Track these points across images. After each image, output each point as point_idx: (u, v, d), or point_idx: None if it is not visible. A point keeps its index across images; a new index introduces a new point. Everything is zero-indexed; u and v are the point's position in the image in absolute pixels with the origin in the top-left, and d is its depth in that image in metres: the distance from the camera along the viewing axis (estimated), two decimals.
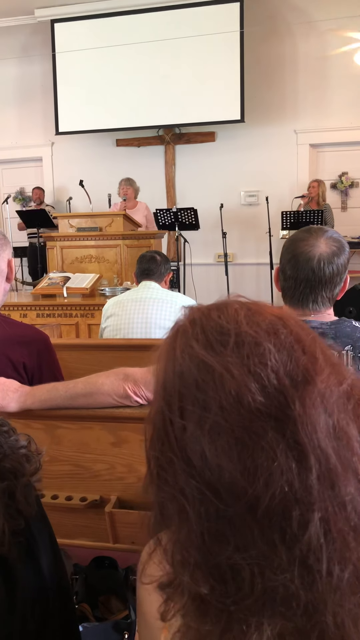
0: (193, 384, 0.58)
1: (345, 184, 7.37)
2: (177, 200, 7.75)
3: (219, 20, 6.96)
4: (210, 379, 0.57)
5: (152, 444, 0.63)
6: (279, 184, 7.36)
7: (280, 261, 1.47)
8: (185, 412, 0.58)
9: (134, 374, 1.46)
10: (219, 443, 0.55)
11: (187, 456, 0.57)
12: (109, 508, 1.53)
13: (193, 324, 0.62)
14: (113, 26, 7.31)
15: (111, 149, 7.89)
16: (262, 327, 0.59)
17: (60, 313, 4.51)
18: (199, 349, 0.59)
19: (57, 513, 1.62)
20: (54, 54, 7.59)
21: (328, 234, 1.42)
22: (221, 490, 0.55)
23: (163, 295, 2.79)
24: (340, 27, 6.96)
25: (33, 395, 1.47)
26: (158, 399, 0.62)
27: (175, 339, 0.63)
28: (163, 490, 0.60)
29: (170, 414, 0.59)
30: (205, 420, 0.56)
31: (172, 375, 0.60)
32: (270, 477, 0.53)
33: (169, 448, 0.59)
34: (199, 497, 0.56)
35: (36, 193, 7.83)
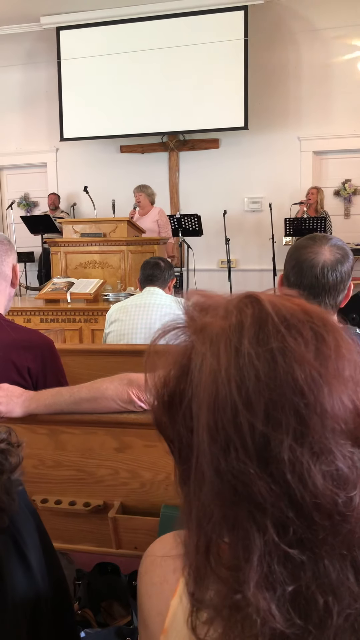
0: (297, 392, 0.51)
1: (349, 191, 7.38)
2: (180, 206, 7.78)
3: (223, 28, 7.00)
4: (316, 394, 0.51)
5: (214, 449, 0.53)
6: (283, 191, 7.38)
7: (285, 268, 1.48)
8: (278, 422, 0.51)
9: (138, 379, 1.46)
10: (318, 466, 0.50)
11: (271, 472, 0.51)
12: (112, 514, 1.53)
13: (287, 327, 0.54)
14: (118, 34, 7.35)
15: (115, 156, 7.92)
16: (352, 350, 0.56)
17: (64, 318, 4.53)
18: (312, 358, 0.53)
19: (61, 518, 1.63)
20: (59, 61, 7.64)
21: (332, 242, 1.43)
22: (316, 517, 0.51)
23: (167, 300, 2.80)
24: (344, 35, 6.99)
25: (37, 400, 1.48)
26: (229, 397, 0.52)
27: (262, 332, 0.54)
28: (236, 504, 0.53)
29: (252, 418, 0.51)
30: (305, 436, 0.51)
31: (261, 373, 0.52)
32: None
33: (247, 458, 0.51)
34: (280, 517, 0.51)
35: (51, 198, 7.87)
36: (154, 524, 1.49)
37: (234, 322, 0.55)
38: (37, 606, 0.81)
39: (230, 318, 0.56)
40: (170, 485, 1.54)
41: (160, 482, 1.53)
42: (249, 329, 0.54)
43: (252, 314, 0.55)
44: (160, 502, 1.52)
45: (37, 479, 1.61)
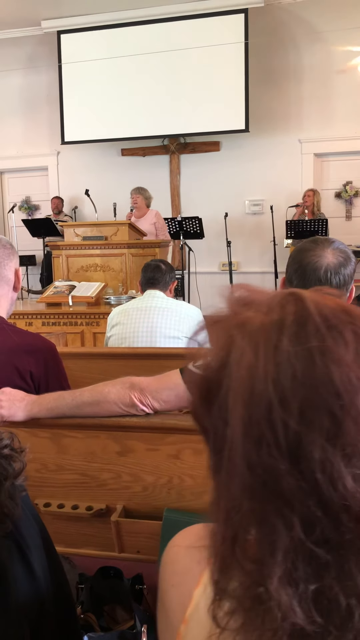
0: (332, 393, 0.51)
1: (350, 193, 7.39)
2: (182, 209, 7.78)
3: (224, 31, 7.02)
4: (352, 396, 0.50)
5: (249, 443, 0.53)
6: (284, 193, 7.38)
7: (287, 271, 1.48)
8: (311, 421, 0.51)
9: (140, 382, 1.46)
10: (350, 467, 0.50)
11: (301, 470, 0.51)
12: (115, 517, 1.53)
13: (329, 327, 0.54)
14: (118, 37, 7.38)
15: (116, 159, 7.94)
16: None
17: (65, 321, 4.53)
18: (351, 361, 0.52)
19: (63, 522, 1.63)
20: (60, 65, 7.66)
21: (334, 245, 1.43)
22: (343, 518, 0.50)
23: (168, 304, 2.79)
24: (345, 39, 7.00)
25: (40, 404, 1.48)
26: (264, 392, 0.52)
27: (301, 332, 0.54)
28: (265, 498, 0.53)
29: (286, 415, 0.51)
30: (337, 437, 0.50)
31: (297, 372, 0.52)
32: None
33: (278, 454, 0.51)
34: (308, 515, 0.51)
35: (54, 202, 7.88)
36: (156, 528, 1.49)
37: (275, 318, 0.55)
38: (40, 609, 0.82)
39: (272, 315, 0.56)
40: (173, 488, 1.53)
41: (162, 486, 1.53)
42: (289, 327, 0.54)
43: (294, 312, 0.55)
44: (163, 506, 1.52)
45: (39, 483, 1.61)
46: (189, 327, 2.73)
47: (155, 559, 1.51)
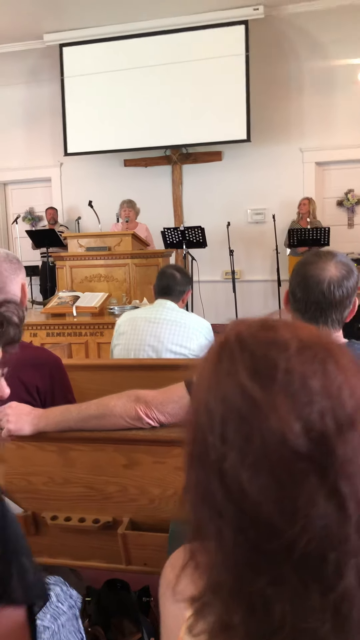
0: (237, 413, 0.56)
1: (352, 201, 7.41)
2: (184, 218, 7.81)
3: (224, 42, 7.08)
4: (255, 413, 0.56)
5: (191, 460, 0.61)
6: (286, 202, 7.41)
7: (290, 284, 1.50)
8: (227, 439, 0.56)
9: (146, 395, 1.48)
10: (259, 480, 0.54)
11: (227, 482, 0.56)
12: (121, 530, 1.54)
13: (242, 347, 0.60)
14: (120, 49, 7.44)
15: (119, 169, 7.98)
16: (312, 364, 0.58)
17: (69, 332, 4.54)
18: (247, 379, 0.57)
19: (70, 535, 1.64)
20: (63, 82, 7.72)
21: (337, 258, 1.44)
22: (258, 524, 0.55)
23: (177, 317, 2.73)
24: (345, 49, 7.05)
25: (46, 417, 1.49)
26: (201, 415, 0.60)
27: (221, 357, 0.61)
28: (202, 509, 0.59)
29: (212, 436, 0.58)
30: (247, 454, 0.55)
31: (216, 395, 0.59)
32: (308, 522, 0.53)
33: (210, 468, 0.58)
34: (236, 523, 0.56)
35: (50, 213, 7.92)
36: (163, 540, 1.50)
37: (213, 346, 0.65)
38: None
39: (207, 351, 0.65)
40: (179, 501, 1.54)
41: (169, 498, 1.54)
42: (214, 355, 0.62)
43: (220, 340, 0.64)
44: (170, 518, 1.52)
45: (46, 496, 1.62)
46: (197, 343, 2.69)
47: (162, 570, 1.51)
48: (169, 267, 2.97)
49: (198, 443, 0.59)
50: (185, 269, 3.38)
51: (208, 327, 2.85)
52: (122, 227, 6.28)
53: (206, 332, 2.80)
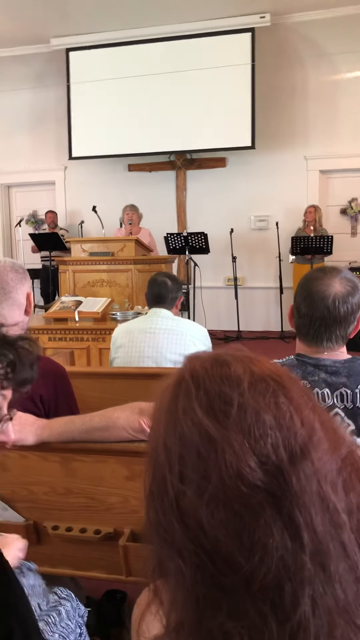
0: (194, 450, 0.58)
1: (355, 209, 7.42)
2: (187, 224, 7.83)
3: (231, 50, 7.11)
4: (211, 449, 0.57)
5: (151, 497, 0.62)
6: (289, 209, 7.42)
7: (295, 299, 1.50)
8: (185, 477, 0.58)
9: (149, 408, 1.47)
10: (217, 515, 0.55)
11: (185, 520, 0.57)
12: (122, 541, 1.54)
13: (197, 385, 0.61)
14: (126, 55, 7.47)
15: (123, 174, 8.00)
16: (264, 397, 0.59)
17: (71, 337, 4.54)
18: (202, 416, 0.58)
19: (71, 545, 1.64)
20: (69, 83, 7.75)
21: (342, 274, 1.45)
22: (217, 560, 0.55)
23: (173, 324, 2.75)
24: (350, 58, 7.07)
25: (50, 428, 1.49)
26: (159, 453, 0.61)
27: (177, 395, 0.62)
28: (161, 547, 0.60)
29: (170, 474, 0.59)
30: (205, 490, 0.56)
31: (173, 434, 0.60)
32: (265, 553, 0.54)
33: (169, 508, 0.59)
34: (195, 561, 0.57)
35: (50, 217, 7.93)
36: None
37: (169, 382, 0.66)
38: None
39: (164, 389, 0.66)
40: None
41: None
42: (171, 389, 0.64)
43: (176, 376, 0.65)
44: None
45: (48, 506, 1.62)
46: (195, 349, 2.72)
47: None
48: (159, 275, 2.97)
49: (157, 481, 0.61)
50: (174, 275, 3.38)
51: (204, 332, 2.87)
52: (125, 231, 6.30)
53: (203, 338, 2.82)
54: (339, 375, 1.41)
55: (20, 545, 1.37)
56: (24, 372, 0.92)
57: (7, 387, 0.92)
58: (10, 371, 0.91)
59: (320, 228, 6.94)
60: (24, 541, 1.41)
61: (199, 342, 2.78)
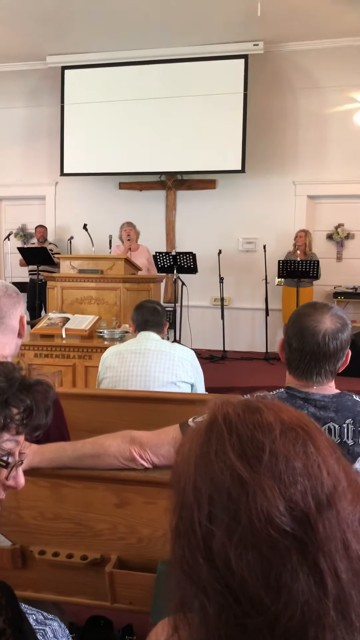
0: (225, 492, 0.59)
1: (341, 235, 7.54)
2: (176, 244, 7.89)
3: (224, 75, 7.24)
4: (243, 492, 0.59)
5: (177, 536, 0.63)
6: (277, 233, 7.53)
7: (286, 334, 1.54)
8: (215, 517, 0.59)
9: (140, 437, 1.50)
10: (246, 557, 0.57)
11: (213, 559, 0.58)
12: (109, 568, 1.55)
13: (230, 429, 0.63)
14: (121, 75, 7.57)
15: (114, 192, 8.06)
16: (295, 445, 0.61)
17: (58, 354, 4.54)
18: (235, 460, 0.60)
19: (57, 570, 1.64)
20: (63, 103, 7.82)
21: (332, 311, 1.49)
22: (243, 600, 0.57)
23: (162, 346, 2.83)
24: (340, 88, 7.24)
25: (41, 453, 1.50)
26: (187, 493, 0.63)
27: (210, 438, 0.64)
28: (186, 583, 0.61)
29: (199, 513, 0.60)
30: (234, 531, 0.58)
31: (204, 476, 0.62)
32: (291, 597, 0.56)
33: (196, 546, 0.60)
34: (220, 600, 0.58)
35: (39, 231, 7.95)
36: (150, 581, 1.51)
37: (197, 428, 0.68)
38: None
39: (200, 423, 0.68)
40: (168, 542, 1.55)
41: (158, 539, 1.55)
42: (201, 435, 0.66)
43: (206, 422, 0.67)
44: (158, 559, 1.54)
45: (35, 530, 1.62)
46: (183, 370, 2.77)
47: (148, 610, 1.52)
48: (148, 302, 3.12)
49: (184, 520, 0.62)
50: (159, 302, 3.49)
51: (192, 354, 2.96)
52: (125, 247, 6.31)
53: (191, 360, 2.90)
54: (327, 409, 1.45)
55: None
56: (40, 418, 0.92)
57: (21, 433, 0.92)
58: (26, 417, 0.90)
59: (310, 252, 7.04)
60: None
61: (187, 363, 2.84)
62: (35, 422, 0.92)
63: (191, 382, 2.82)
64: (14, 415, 0.89)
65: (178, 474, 0.66)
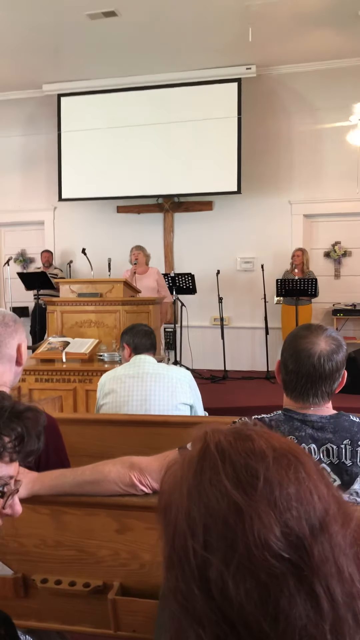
0: (221, 520, 0.59)
1: (339, 252, 7.60)
2: (175, 265, 7.95)
3: (218, 98, 7.37)
4: (239, 520, 0.59)
5: (170, 566, 0.62)
6: (274, 252, 7.59)
7: (282, 355, 1.55)
8: (211, 546, 0.59)
9: (140, 462, 1.51)
10: (244, 585, 0.57)
11: (209, 589, 0.58)
12: (112, 595, 1.54)
13: (223, 457, 0.64)
14: (116, 101, 7.70)
15: (112, 215, 8.14)
16: (287, 472, 0.62)
17: (58, 378, 4.54)
18: (230, 488, 0.60)
19: (60, 598, 1.64)
20: (59, 130, 7.94)
21: (327, 333, 1.51)
22: (240, 629, 0.57)
23: (159, 369, 2.84)
24: (332, 108, 7.35)
25: (41, 481, 1.51)
26: (180, 522, 0.62)
27: (202, 467, 0.64)
28: (181, 614, 0.61)
29: (193, 542, 0.60)
30: (231, 559, 0.58)
31: (199, 503, 0.61)
32: (289, 623, 0.55)
33: (191, 576, 0.59)
34: (217, 631, 0.57)
35: (45, 256, 8.01)
36: (153, 607, 1.50)
37: (189, 455, 0.68)
38: None
39: (192, 450, 0.68)
40: None
41: (159, 564, 1.53)
42: (194, 463, 0.66)
43: (198, 449, 0.67)
44: (160, 584, 1.53)
45: (37, 559, 1.62)
46: (182, 392, 2.78)
47: (151, 637, 1.52)
48: (140, 326, 3.18)
49: (177, 549, 0.61)
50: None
51: (189, 375, 2.98)
52: (132, 270, 6.33)
53: (189, 380, 2.93)
54: (325, 431, 1.46)
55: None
56: (32, 444, 0.93)
57: (14, 461, 0.93)
58: (18, 444, 0.92)
59: (308, 270, 7.09)
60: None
61: (185, 384, 2.85)
62: (27, 449, 0.94)
63: (190, 404, 2.82)
64: (6, 443, 0.91)
65: (168, 502, 0.66)
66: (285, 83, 7.52)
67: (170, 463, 0.69)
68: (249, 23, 5.98)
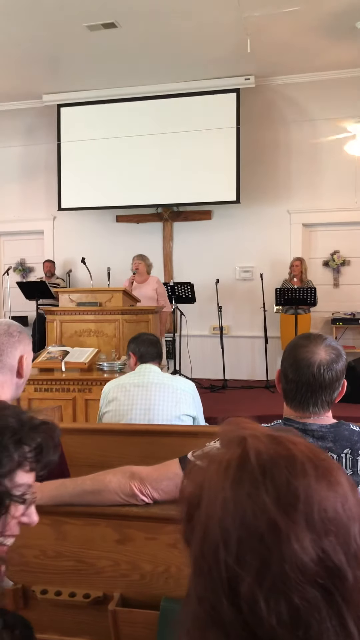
0: (257, 537, 0.58)
1: (337, 262, 7.62)
2: (174, 274, 7.96)
3: (217, 109, 7.41)
4: (277, 540, 0.57)
5: (199, 572, 0.61)
6: (273, 261, 7.60)
7: (282, 365, 1.56)
8: (244, 561, 0.57)
9: (140, 472, 1.51)
10: (276, 606, 0.55)
11: (239, 604, 0.56)
12: (112, 606, 1.54)
13: (263, 472, 0.61)
14: (116, 111, 7.75)
15: (111, 225, 8.16)
16: (328, 492, 0.60)
17: (58, 387, 4.54)
18: (271, 506, 0.58)
19: (60, 609, 1.63)
20: (59, 142, 7.98)
21: (327, 342, 1.52)
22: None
23: (164, 379, 2.85)
24: (331, 119, 7.39)
25: (42, 491, 1.50)
26: (212, 530, 0.60)
27: (242, 477, 0.61)
28: (205, 625, 0.60)
29: (226, 554, 0.58)
30: (264, 577, 0.56)
31: (235, 515, 0.59)
32: None
33: (220, 587, 0.58)
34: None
35: (47, 266, 8.02)
36: (153, 618, 1.49)
37: (223, 460, 0.64)
38: None
39: (225, 455, 0.64)
40: (171, 577, 1.55)
41: (160, 574, 1.55)
42: (232, 471, 0.62)
43: (237, 456, 0.63)
44: (161, 594, 1.53)
45: (37, 569, 1.62)
46: (185, 403, 2.78)
47: None
48: (146, 335, 3.18)
49: (206, 557, 0.60)
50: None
51: (193, 386, 2.98)
52: (130, 279, 6.32)
53: (192, 392, 2.93)
54: (325, 440, 1.46)
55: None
56: (49, 455, 0.97)
57: (33, 470, 0.96)
58: (38, 454, 0.95)
59: (306, 279, 7.12)
60: None
61: (189, 395, 2.85)
62: (46, 459, 0.97)
63: (193, 415, 2.82)
64: (26, 453, 0.94)
65: (196, 503, 0.63)
66: (284, 93, 7.58)
67: (198, 458, 0.67)
68: (247, 34, 6.03)
